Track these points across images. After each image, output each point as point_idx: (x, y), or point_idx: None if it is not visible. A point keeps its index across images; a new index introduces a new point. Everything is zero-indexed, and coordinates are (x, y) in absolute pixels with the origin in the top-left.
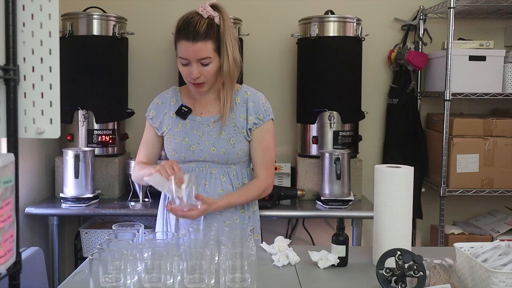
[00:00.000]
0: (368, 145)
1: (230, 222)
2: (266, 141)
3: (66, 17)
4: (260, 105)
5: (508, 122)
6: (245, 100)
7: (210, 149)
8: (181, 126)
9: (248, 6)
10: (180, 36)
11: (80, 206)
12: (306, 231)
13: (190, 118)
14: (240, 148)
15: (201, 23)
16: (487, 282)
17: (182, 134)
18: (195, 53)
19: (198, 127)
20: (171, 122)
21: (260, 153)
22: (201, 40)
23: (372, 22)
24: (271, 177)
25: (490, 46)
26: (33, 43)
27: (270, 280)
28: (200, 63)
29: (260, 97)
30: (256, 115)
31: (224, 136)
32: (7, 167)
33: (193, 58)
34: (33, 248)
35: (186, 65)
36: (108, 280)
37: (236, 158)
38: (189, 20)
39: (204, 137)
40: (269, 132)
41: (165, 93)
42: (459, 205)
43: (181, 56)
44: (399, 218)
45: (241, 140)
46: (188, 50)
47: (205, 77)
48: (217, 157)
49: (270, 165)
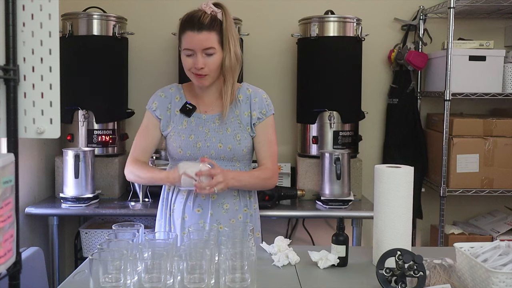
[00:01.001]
0: (368, 145)
1: (234, 220)
2: (269, 135)
3: (66, 17)
4: (263, 100)
5: (508, 122)
6: (247, 96)
7: (217, 145)
8: (186, 124)
9: (248, 6)
10: (185, 28)
11: (80, 206)
12: (306, 231)
13: (195, 116)
14: (245, 145)
15: (205, 16)
16: (487, 282)
17: (187, 132)
18: (200, 42)
19: (203, 125)
20: (175, 119)
21: (265, 146)
22: (206, 30)
23: (372, 22)
24: (276, 169)
25: (490, 46)
26: (33, 43)
27: (270, 280)
28: (205, 54)
29: (262, 93)
30: (259, 110)
31: (230, 133)
32: (7, 167)
33: (198, 47)
34: (33, 248)
35: (191, 56)
36: (108, 280)
37: (241, 155)
38: (193, 14)
39: (211, 134)
40: (271, 127)
41: (168, 88)
42: (459, 205)
43: (186, 47)
44: (399, 218)
45: (246, 137)
46: (193, 39)
47: (208, 69)
48: (224, 153)
49: (274, 158)
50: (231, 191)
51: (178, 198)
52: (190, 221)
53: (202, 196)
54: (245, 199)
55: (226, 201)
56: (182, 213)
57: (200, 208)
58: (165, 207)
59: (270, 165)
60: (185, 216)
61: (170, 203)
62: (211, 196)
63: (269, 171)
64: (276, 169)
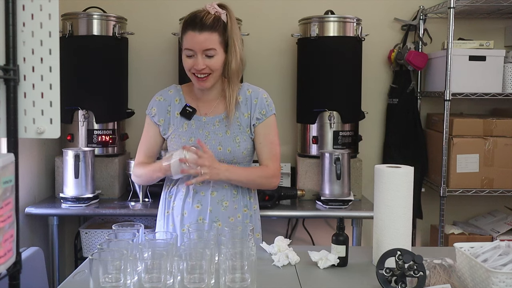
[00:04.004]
0: (368, 145)
1: (233, 218)
2: (270, 136)
3: (66, 17)
4: (263, 100)
5: (508, 122)
6: (247, 97)
7: (217, 148)
8: (187, 126)
9: (248, 6)
10: (186, 28)
11: (80, 206)
12: (306, 231)
13: (195, 118)
14: (245, 147)
15: (208, 16)
16: (487, 282)
17: (188, 134)
18: (201, 43)
19: (203, 127)
20: (176, 122)
21: (266, 147)
22: (207, 31)
23: (372, 22)
24: (278, 169)
25: (490, 46)
26: (33, 43)
27: (270, 280)
28: (205, 55)
29: (262, 93)
30: (259, 110)
31: (230, 135)
32: (7, 167)
33: (198, 48)
34: (33, 248)
35: (191, 57)
36: (108, 280)
37: (241, 157)
38: (196, 14)
39: (210, 137)
40: (272, 127)
41: (167, 90)
42: (459, 205)
43: (186, 47)
44: (399, 218)
45: (245, 139)
46: (194, 40)
47: (210, 69)
48: (223, 156)
49: (276, 159)
50: (231, 189)
51: (178, 195)
52: (189, 217)
53: (202, 193)
54: (245, 199)
55: (226, 198)
56: (182, 209)
57: (199, 204)
58: (166, 206)
59: (271, 165)
60: (184, 213)
61: (171, 201)
62: (211, 192)
63: (270, 170)
64: (277, 170)
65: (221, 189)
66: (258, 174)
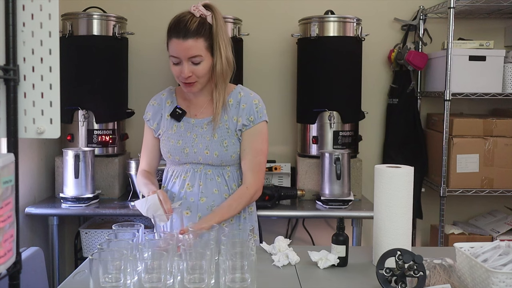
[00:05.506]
0: (368, 145)
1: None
2: (256, 144)
3: (66, 17)
4: (252, 107)
5: (508, 122)
6: (238, 101)
7: (204, 151)
8: (176, 128)
9: (248, 6)
10: (171, 35)
11: (80, 206)
12: (306, 231)
13: (185, 120)
14: (233, 151)
15: (192, 21)
16: (487, 282)
17: (176, 137)
18: (185, 51)
19: (192, 130)
20: (166, 124)
21: (249, 155)
22: (192, 37)
23: (372, 22)
24: (261, 180)
25: (490, 46)
26: (33, 43)
27: (270, 280)
28: (191, 62)
29: (253, 98)
30: (247, 117)
31: (217, 139)
32: (7, 167)
33: (183, 56)
34: (33, 248)
35: (177, 64)
36: (108, 280)
37: (230, 160)
38: (180, 19)
39: (198, 140)
40: (260, 135)
41: (160, 94)
42: (459, 205)
43: (172, 55)
44: (399, 218)
45: (234, 142)
46: (179, 48)
47: (196, 76)
48: (211, 159)
49: (259, 169)
50: (221, 194)
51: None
52: None
53: (191, 199)
54: None
55: (216, 203)
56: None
57: (188, 211)
58: None
59: (251, 179)
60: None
61: None
62: (200, 198)
63: (251, 190)
64: (259, 182)
65: (210, 194)
66: (239, 201)
